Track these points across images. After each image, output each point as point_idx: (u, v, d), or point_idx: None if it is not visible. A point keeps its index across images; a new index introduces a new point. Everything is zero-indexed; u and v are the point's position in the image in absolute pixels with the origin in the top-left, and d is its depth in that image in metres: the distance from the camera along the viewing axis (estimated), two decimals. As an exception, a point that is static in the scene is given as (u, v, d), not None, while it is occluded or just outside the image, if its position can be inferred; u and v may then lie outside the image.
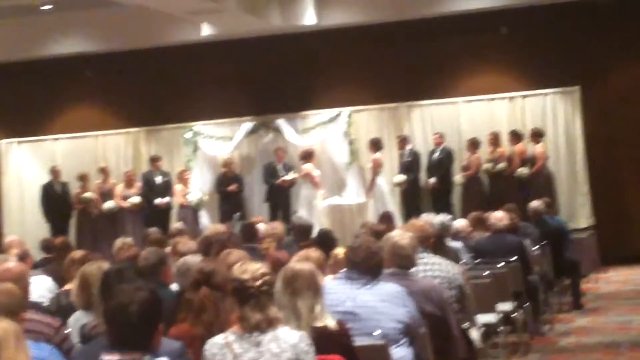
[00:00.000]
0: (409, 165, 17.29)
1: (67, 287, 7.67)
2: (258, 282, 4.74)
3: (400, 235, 6.78)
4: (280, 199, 17.62)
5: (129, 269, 5.54)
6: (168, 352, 4.17)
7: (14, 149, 19.36)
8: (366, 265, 6.08)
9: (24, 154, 19.37)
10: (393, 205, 16.94)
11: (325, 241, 9.97)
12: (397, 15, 17.46)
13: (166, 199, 17.63)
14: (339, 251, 7.72)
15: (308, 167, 17.27)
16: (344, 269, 6.24)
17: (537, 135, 16.76)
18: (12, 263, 6.50)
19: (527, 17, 17.19)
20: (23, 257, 9.16)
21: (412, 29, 17.58)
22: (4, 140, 19.32)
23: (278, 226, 11.91)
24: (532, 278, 10.75)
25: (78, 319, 6.26)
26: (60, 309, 7.18)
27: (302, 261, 5.97)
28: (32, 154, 19.35)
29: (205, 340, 4.81)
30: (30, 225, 18.62)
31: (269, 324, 4.69)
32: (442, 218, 10.52)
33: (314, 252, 7.08)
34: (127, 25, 18.03)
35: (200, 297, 5.57)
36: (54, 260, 10.47)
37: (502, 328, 9.21)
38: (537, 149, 16.68)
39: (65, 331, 5.86)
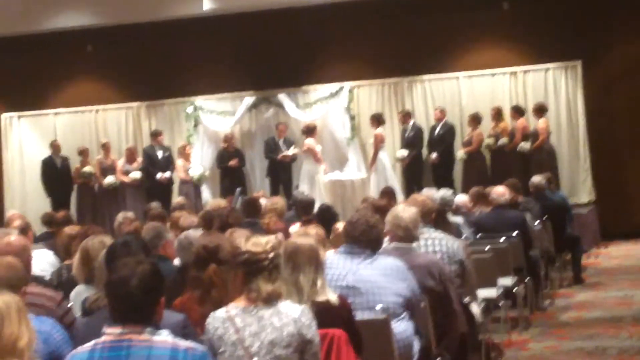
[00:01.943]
0: (412, 140, 17.27)
1: (68, 261, 7.69)
2: (271, 255, 4.76)
3: (403, 209, 6.80)
4: (281, 174, 17.62)
5: (135, 242, 5.54)
6: (170, 325, 4.18)
7: (15, 123, 19.35)
8: (365, 239, 6.09)
9: (24, 128, 19.36)
10: (395, 180, 16.93)
11: (327, 216, 9.99)
12: (399, -10, 17.44)
13: (167, 174, 17.63)
14: (340, 226, 7.74)
15: (310, 142, 17.25)
16: (344, 244, 6.25)
17: (540, 110, 16.71)
18: (13, 237, 6.50)
19: (529, -9, 17.18)
20: (24, 230, 9.16)
21: (414, 4, 17.53)
22: (5, 114, 19.31)
23: (279, 201, 11.91)
24: (533, 253, 10.77)
25: (79, 293, 6.28)
26: (62, 282, 7.21)
27: (303, 236, 5.97)
28: (33, 128, 19.33)
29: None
30: (31, 200, 18.65)
31: (277, 296, 4.71)
32: (443, 193, 10.55)
33: (312, 229, 7.10)
34: (129, -1, 18.02)
35: (209, 273, 5.56)
36: (55, 235, 10.48)
37: (502, 303, 9.23)
38: (540, 123, 16.63)
39: (67, 304, 5.87)
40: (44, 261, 8.33)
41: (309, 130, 17.31)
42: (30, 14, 18.28)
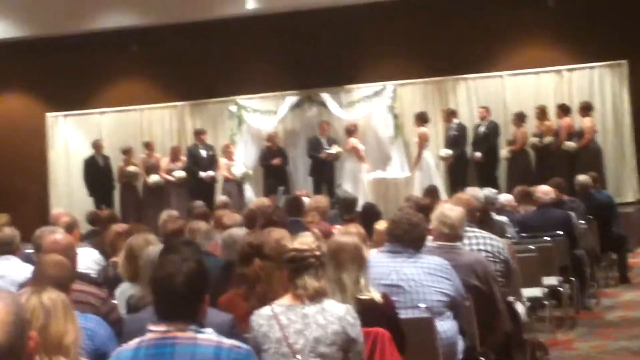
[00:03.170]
0: (456, 139, 17.19)
1: (114, 258, 7.74)
2: (317, 253, 4.78)
3: (450, 207, 6.78)
4: (324, 173, 17.62)
5: (190, 243, 5.62)
6: (217, 324, 4.18)
7: (60, 123, 19.51)
8: (408, 238, 6.07)
9: (70, 128, 19.53)
10: (439, 179, 16.87)
11: (370, 215, 9.97)
12: (443, -12, 17.38)
13: (211, 173, 17.69)
14: (381, 225, 7.74)
15: (353, 141, 17.26)
16: (387, 243, 6.24)
17: (586, 109, 16.57)
18: (59, 235, 6.56)
19: (575, -11, 17.05)
20: (71, 228, 9.22)
21: (458, 2, 17.46)
22: (51, 114, 19.47)
23: (322, 199, 11.89)
24: (579, 252, 10.69)
25: (124, 291, 6.32)
26: (107, 280, 7.26)
27: (346, 235, 5.97)
28: (78, 127, 19.49)
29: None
30: (76, 199, 18.76)
31: (324, 293, 4.72)
32: (486, 192, 10.49)
33: (353, 228, 7.10)
34: (173, -1, 18.13)
35: (255, 269, 5.59)
36: (100, 233, 10.55)
37: (547, 302, 9.18)
38: (585, 122, 16.49)
39: (113, 302, 5.91)
40: (89, 259, 8.38)
41: (351, 131, 17.34)
42: (75, 14, 18.44)
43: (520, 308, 7.54)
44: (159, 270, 4.02)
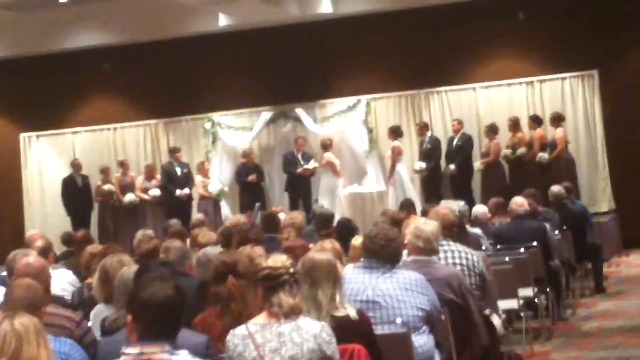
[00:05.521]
0: (429, 152, 17.24)
1: (89, 280, 7.70)
2: (292, 270, 4.78)
3: (425, 221, 6.79)
4: (300, 188, 17.62)
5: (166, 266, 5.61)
6: (192, 345, 4.14)
7: (34, 143, 19.43)
8: (384, 253, 6.06)
9: (43, 148, 19.45)
10: (413, 192, 16.90)
11: (346, 229, 9.99)
12: (413, 2, 17.41)
13: (186, 190, 17.65)
14: (357, 240, 7.74)
15: (329, 155, 17.27)
16: (363, 258, 6.23)
17: (558, 120, 16.65)
18: (32, 258, 6.51)
19: (543, 1, 17.11)
20: (46, 251, 9.16)
21: (429, 16, 17.52)
22: (24, 134, 19.40)
23: (298, 215, 11.85)
24: (554, 263, 10.72)
25: (99, 312, 6.29)
26: (82, 302, 7.23)
27: (320, 251, 5.96)
28: (52, 147, 19.42)
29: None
30: (51, 219, 18.70)
31: (299, 311, 4.71)
32: (459, 204, 10.49)
33: (329, 244, 7.10)
34: (145, 17, 18.05)
35: (228, 287, 5.58)
36: (75, 254, 10.50)
37: (524, 314, 9.20)
38: (558, 133, 16.57)
39: (87, 325, 5.87)
40: (64, 281, 8.34)
41: (326, 145, 17.37)
42: (47, 34, 18.39)
43: (496, 320, 7.55)
44: (137, 290, 3.98)
